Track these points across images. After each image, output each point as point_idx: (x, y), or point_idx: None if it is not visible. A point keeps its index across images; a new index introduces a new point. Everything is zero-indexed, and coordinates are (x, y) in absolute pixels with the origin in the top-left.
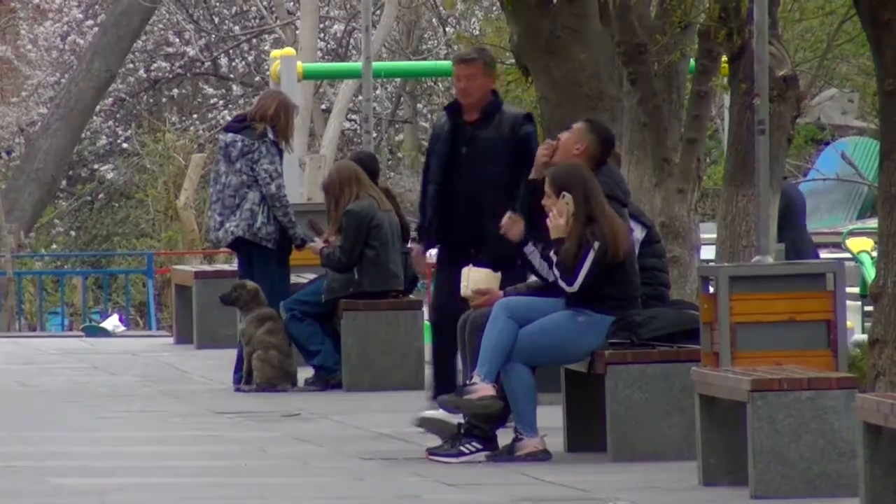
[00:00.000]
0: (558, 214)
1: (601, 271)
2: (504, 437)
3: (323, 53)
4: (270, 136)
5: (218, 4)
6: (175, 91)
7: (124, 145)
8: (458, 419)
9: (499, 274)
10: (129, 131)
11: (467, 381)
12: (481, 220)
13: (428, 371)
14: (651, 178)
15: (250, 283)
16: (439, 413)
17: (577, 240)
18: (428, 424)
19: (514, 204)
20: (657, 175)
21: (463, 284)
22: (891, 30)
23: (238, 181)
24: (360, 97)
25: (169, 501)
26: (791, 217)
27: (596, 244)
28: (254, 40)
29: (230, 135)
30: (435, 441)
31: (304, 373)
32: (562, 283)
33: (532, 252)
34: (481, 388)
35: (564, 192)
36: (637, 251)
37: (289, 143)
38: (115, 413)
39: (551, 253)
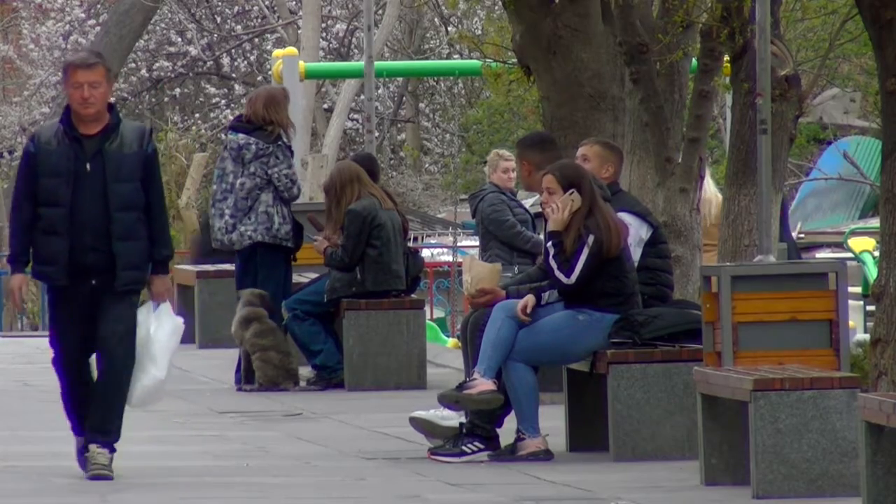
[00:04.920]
0: (562, 208)
1: (597, 265)
2: (506, 436)
3: (325, 53)
4: (284, 139)
5: (220, 4)
6: (177, 90)
7: None
8: (449, 422)
9: (500, 267)
10: None
11: (467, 379)
12: (111, 245)
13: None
14: (653, 178)
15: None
16: (429, 413)
17: (576, 234)
18: (416, 424)
19: (145, 225)
20: (659, 174)
21: (465, 280)
22: (892, 29)
23: (252, 184)
24: (363, 96)
25: (170, 501)
26: None
27: (591, 238)
28: (256, 40)
29: (242, 136)
30: (435, 440)
31: (306, 372)
32: (559, 275)
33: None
34: (480, 384)
35: (573, 189)
36: (641, 250)
37: (287, 131)
38: None
39: (548, 245)
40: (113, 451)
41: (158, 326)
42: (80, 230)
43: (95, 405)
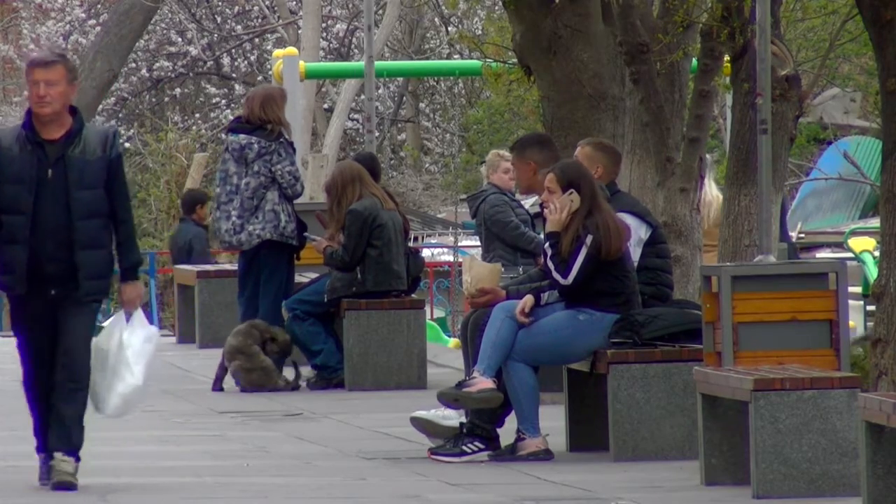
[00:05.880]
0: (560, 208)
1: (595, 266)
2: (506, 436)
3: (325, 53)
4: (286, 136)
5: (220, 4)
6: (177, 90)
7: (127, 144)
8: (450, 421)
9: (500, 267)
10: (132, 130)
11: (467, 377)
12: (74, 253)
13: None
14: (653, 178)
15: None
16: (430, 413)
17: (573, 234)
18: (417, 424)
19: (109, 232)
20: (659, 174)
21: (465, 280)
22: (893, 29)
23: (256, 183)
24: (363, 96)
25: (170, 501)
26: None
27: (589, 238)
28: (256, 40)
29: (243, 136)
30: (436, 440)
31: (306, 372)
32: (556, 276)
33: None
34: (480, 382)
35: (572, 189)
36: (641, 250)
37: (287, 129)
38: None
39: (546, 245)
40: (78, 459)
41: (132, 333)
42: (41, 239)
43: (57, 416)
